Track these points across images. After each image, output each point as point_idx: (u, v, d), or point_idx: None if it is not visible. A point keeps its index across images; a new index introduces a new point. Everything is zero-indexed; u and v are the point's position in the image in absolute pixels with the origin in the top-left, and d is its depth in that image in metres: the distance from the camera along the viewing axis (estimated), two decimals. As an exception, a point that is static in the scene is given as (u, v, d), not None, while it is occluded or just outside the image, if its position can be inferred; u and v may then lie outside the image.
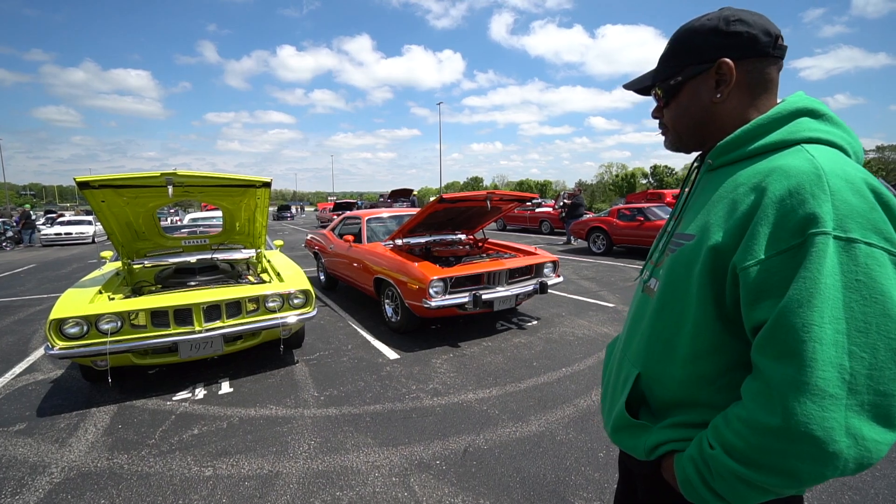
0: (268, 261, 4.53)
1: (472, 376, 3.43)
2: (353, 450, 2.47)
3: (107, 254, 4.63)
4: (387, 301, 4.68)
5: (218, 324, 3.25)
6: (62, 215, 24.64)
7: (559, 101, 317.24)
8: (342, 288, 6.73)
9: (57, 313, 2.89)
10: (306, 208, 58.70)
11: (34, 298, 6.74)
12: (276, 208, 36.01)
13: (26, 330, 5.01)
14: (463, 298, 3.99)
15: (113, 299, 3.31)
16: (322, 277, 6.89)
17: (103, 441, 2.62)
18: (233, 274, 4.18)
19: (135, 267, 4.19)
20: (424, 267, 4.10)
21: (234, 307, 3.37)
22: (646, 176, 59.47)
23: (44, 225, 21.64)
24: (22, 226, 17.16)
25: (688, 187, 0.89)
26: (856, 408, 0.57)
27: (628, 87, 0.92)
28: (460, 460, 2.36)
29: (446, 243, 5.62)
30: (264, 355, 3.95)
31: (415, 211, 5.72)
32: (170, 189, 3.33)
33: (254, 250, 4.47)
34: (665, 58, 0.84)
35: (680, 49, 0.81)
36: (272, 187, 3.76)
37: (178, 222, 11.23)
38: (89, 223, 17.24)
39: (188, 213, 18.82)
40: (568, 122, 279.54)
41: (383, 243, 5.12)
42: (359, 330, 4.69)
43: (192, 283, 3.80)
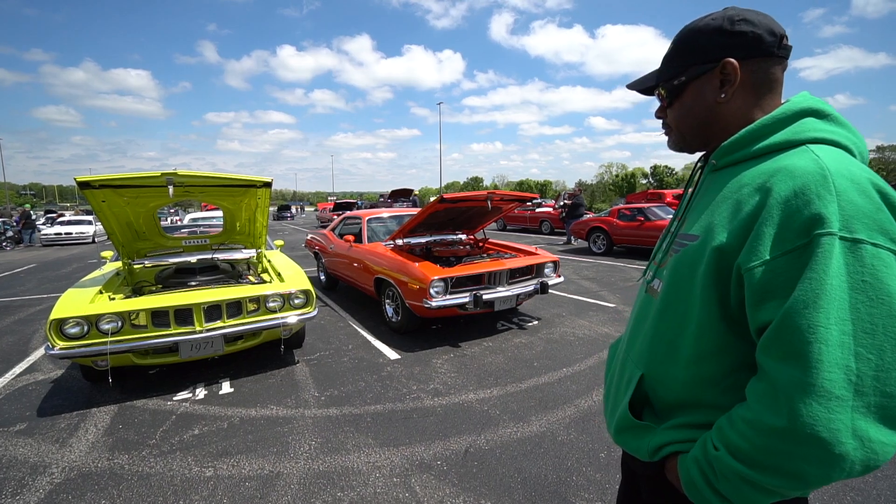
0: (268, 261, 4.53)
1: (472, 376, 3.43)
2: (354, 450, 2.47)
3: (107, 254, 4.63)
4: (387, 301, 4.68)
5: (219, 324, 3.25)
6: (62, 215, 24.64)
7: (559, 101, 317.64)
8: (342, 288, 6.73)
9: (57, 313, 2.89)
10: (306, 208, 58.71)
11: (34, 298, 6.74)
12: (275, 208, 36.02)
13: (26, 330, 5.01)
14: (464, 298, 3.99)
15: (113, 299, 3.31)
16: (322, 277, 6.89)
17: (104, 441, 2.62)
18: (233, 274, 4.18)
19: (135, 267, 4.19)
20: (425, 267, 4.09)
21: (235, 307, 3.37)
22: (646, 176, 59.50)
23: (44, 225, 21.62)
24: (22, 226, 17.16)
25: (691, 188, 0.89)
26: (862, 409, 0.56)
27: (632, 87, 0.92)
28: (461, 461, 2.35)
29: (447, 243, 5.62)
30: (265, 355, 3.94)
31: (415, 211, 5.72)
32: (170, 189, 3.33)
33: (254, 250, 4.47)
34: (669, 57, 0.84)
35: (684, 49, 0.80)
36: (272, 187, 3.76)
37: (178, 222, 11.22)
38: (89, 223, 17.24)
39: (188, 212, 18.83)
40: (568, 123, 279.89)
41: (384, 243, 5.11)
42: (359, 330, 4.69)
43: (193, 283, 3.80)
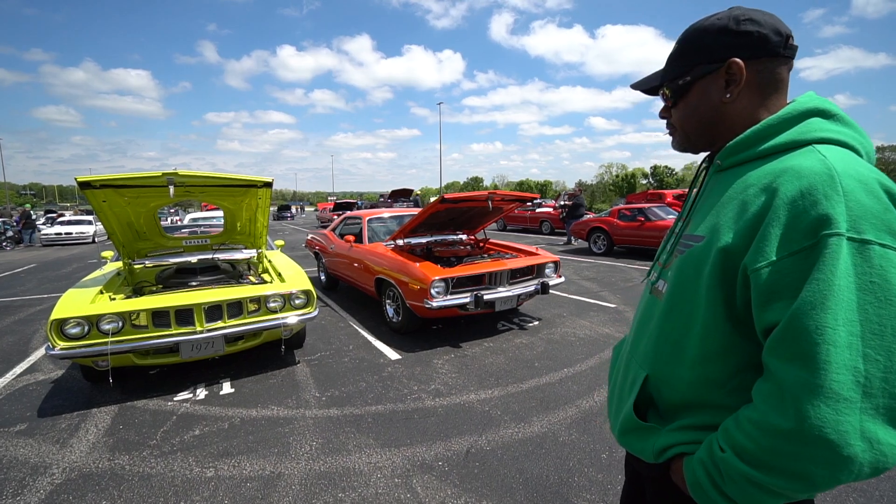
0: (269, 261, 4.52)
1: (473, 377, 3.42)
2: (355, 451, 2.47)
3: (107, 254, 4.62)
4: (388, 301, 4.67)
5: (219, 324, 3.24)
6: (62, 215, 24.65)
7: (559, 102, 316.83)
8: (343, 288, 6.72)
9: (58, 313, 2.88)
10: (306, 208, 58.73)
11: (34, 298, 6.73)
12: (276, 208, 36.04)
13: (27, 330, 5.01)
14: (464, 299, 3.98)
15: (114, 299, 3.31)
16: (323, 278, 6.88)
17: (104, 442, 2.62)
18: (234, 274, 4.18)
19: (136, 267, 4.18)
20: (426, 267, 4.09)
21: (236, 307, 3.37)
22: (646, 176, 59.54)
23: (44, 225, 21.63)
24: (22, 225, 17.17)
25: (696, 188, 0.88)
26: (871, 411, 0.56)
27: (636, 86, 0.92)
28: (463, 461, 2.35)
29: (447, 243, 5.62)
30: (265, 356, 3.94)
31: (416, 211, 5.72)
32: (171, 189, 3.32)
33: (255, 250, 4.47)
34: (674, 57, 0.83)
35: (689, 48, 0.80)
36: (272, 187, 3.76)
37: (179, 222, 11.22)
38: (89, 223, 17.25)
39: (188, 212, 18.83)
40: (568, 123, 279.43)
41: (384, 243, 5.11)
42: (360, 330, 4.69)
43: (194, 284, 3.79)
